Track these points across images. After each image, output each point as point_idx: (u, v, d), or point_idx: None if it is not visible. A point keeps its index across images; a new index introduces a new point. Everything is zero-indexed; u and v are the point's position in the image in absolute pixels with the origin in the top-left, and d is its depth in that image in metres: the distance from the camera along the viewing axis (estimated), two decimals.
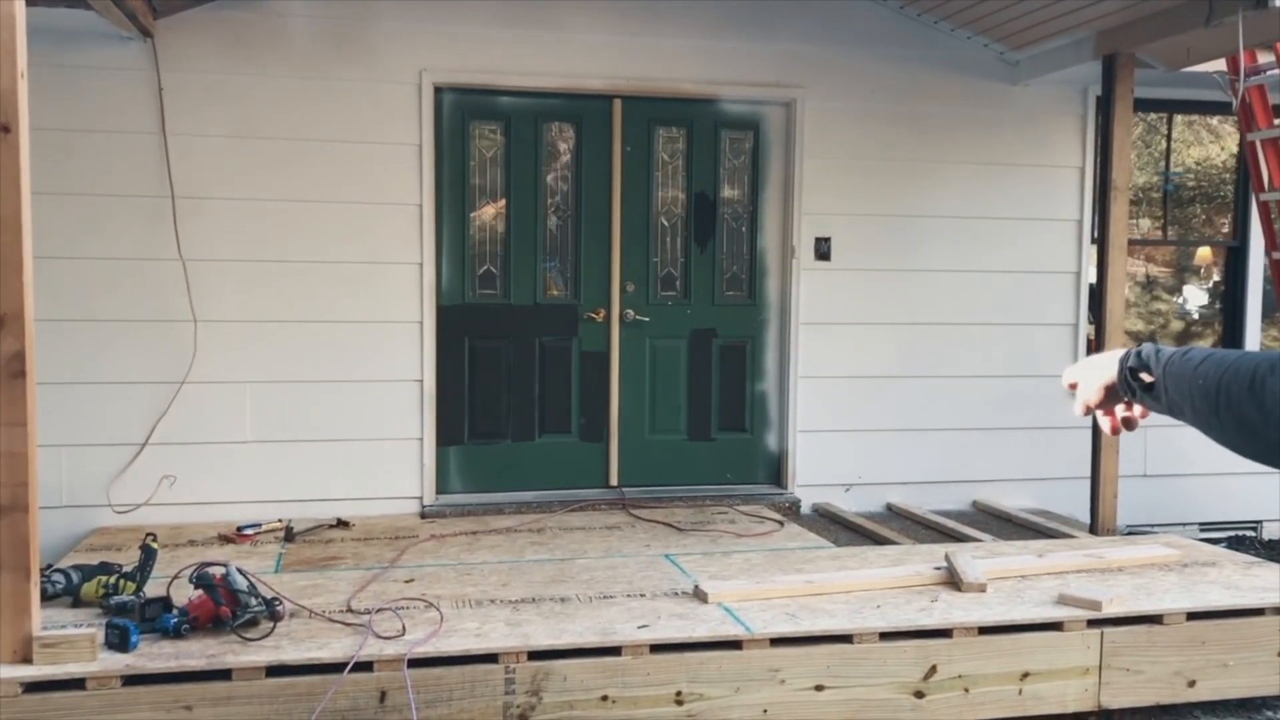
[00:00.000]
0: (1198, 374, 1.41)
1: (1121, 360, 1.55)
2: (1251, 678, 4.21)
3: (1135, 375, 1.53)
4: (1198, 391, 1.41)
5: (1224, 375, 1.37)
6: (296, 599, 4.03)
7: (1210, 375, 1.39)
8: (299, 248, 5.62)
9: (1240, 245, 6.99)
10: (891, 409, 6.36)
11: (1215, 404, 1.38)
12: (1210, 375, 1.39)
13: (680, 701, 3.70)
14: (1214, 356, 1.42)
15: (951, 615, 4.03)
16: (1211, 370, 1.39)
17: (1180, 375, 1.45)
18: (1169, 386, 1.46)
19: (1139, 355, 1.53)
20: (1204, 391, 1.39)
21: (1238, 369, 1.36)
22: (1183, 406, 1.45)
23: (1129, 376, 1.54)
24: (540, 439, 6.12)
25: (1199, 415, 1.42)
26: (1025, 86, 6.36)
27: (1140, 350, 1.54)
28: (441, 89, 5.83)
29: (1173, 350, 1.50)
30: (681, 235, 6.23)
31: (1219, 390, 1.37)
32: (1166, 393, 1.47)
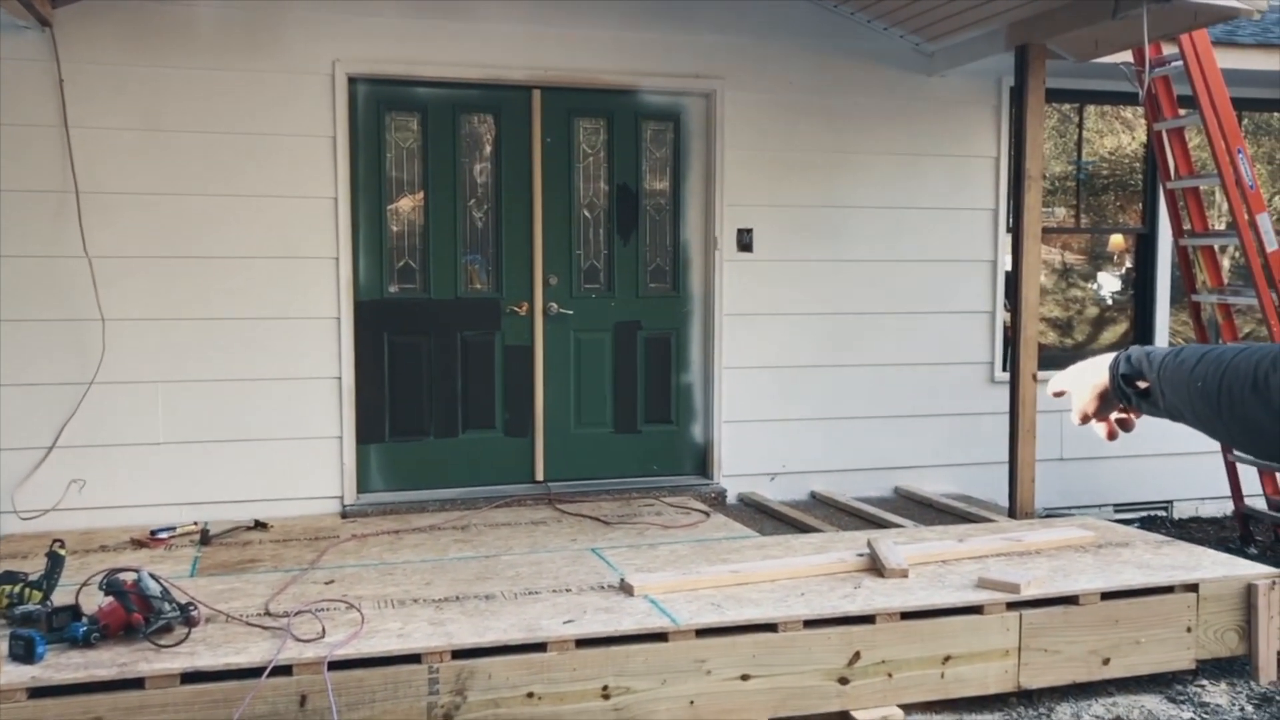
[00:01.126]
0: (1195, 376, 1.37)
1: (1112, 368, 1.51)
2: (1163, 653, 4.32)
3: (1130, 382, 1.49)
4: (1197, 395, 1.36)
5: (1224, 376, 1.32)
6: (213, 603, 3.93)
7: (1209, 377, 1.35)
8: (210, 243, 5.48)
9: (1150, 232, 7.16)
10: (815, 398, 6.41)
11: (1218, 407, 1.34)
12: (1209, 377, 1.35)
13: (607, 696, 3.69)
14: (1209, 356, 1.38)
15: (874, 601, 4.07)
16: (1210, 371, 1.35)
17: (1176, 379, 1.40)
18: (1166, 391, 1.42)
19: (1129, 360, 1.49)
20: (1204, 394, 1.35)
21: (1237, 368, 1.31)
22: (1183, 410, 1.41)
23: (1122, 384, 1.49)
24: (464, 435, 6.05)
25: (1200, 419, 1.38)
26: (941, 78, 6.44)
27: (1130, 355, 1.50)
28: (356, 79, 5.72)
29: (1164, 352, 1.45)
30: (604, 227, 6.20)
31: (1220, 392, 1.33)
32: (1164, 398, 1.43)
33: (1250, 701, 4.24)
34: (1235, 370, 1.31)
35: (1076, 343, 7.31)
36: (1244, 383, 1.29)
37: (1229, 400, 1.31)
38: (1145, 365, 1.46)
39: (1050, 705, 4.17)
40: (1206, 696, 4.28)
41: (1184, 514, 7.11)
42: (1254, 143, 7.44)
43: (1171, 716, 4.09)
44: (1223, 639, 4.40)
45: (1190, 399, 1.38)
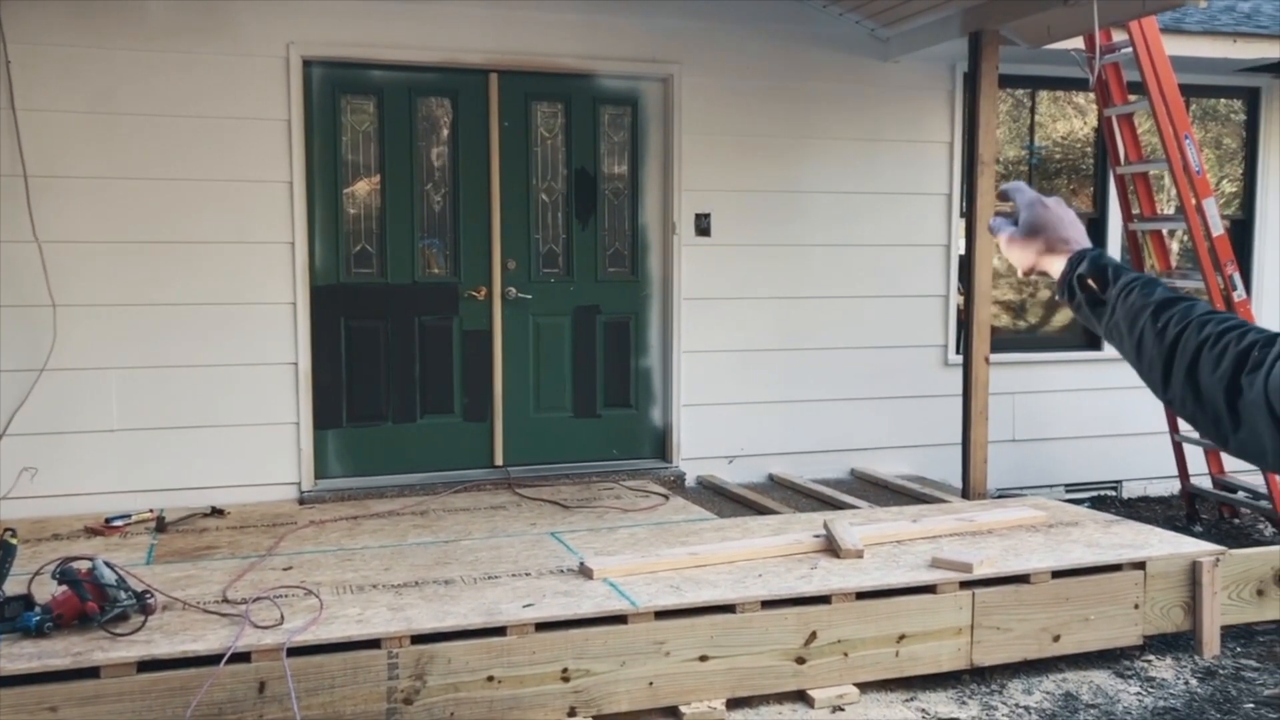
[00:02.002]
0: (1157, 312, 1.31)
1: (1071, 261, 1.41)
2: (1111, 630, 4.42)
3: (1083, 282, 1.39)
4: (1152, 333, 1.31)
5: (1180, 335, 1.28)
6: (169, 591, 3.91)
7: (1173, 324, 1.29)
8: (163, 227, 5.42)
9: (1100, 216, 7.27)
10: (772, 381, 6.46)
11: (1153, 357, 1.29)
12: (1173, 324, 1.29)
13: (566, 678, 3.71)
14: (1176, 306, 1.31)
15: (830, 582, 4.12)
16: (1173, 321, 1.29)
17: (1137, 308, 1.33)
18: (1118, 311, 1.35)
19: (1094, 263, 1.39)
20: (1159, 335, 1.29)
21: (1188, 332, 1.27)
22: (1124, 336, 1.35)
23: (1075, 283, 1.40)
24: (422, 420, 6.04)
25: (1142, 355, 1.32)
26: (896, 63, 6.49)
27: (1097, 257, 1.39)
28: (310, 62, 5.67)
29: (1133, 275, 1.37)
30: (563, 211, 6.20)
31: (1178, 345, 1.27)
32: (1113, 314, 1.36)
33: (1194, 675, 4.35)
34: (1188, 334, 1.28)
35: (1029, 325, 7.42)
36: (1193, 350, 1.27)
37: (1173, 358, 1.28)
38: (1110, 276, 1.38)
39: (1002, 682, 4.25)
40: (1153, 671, 4.38)
41: (1133, 493, 7.25)
42: (1201, 128, 7.57)
43: (1119, 691, 4.19)
44: (1169, 615, 4.51)
45: (1140, 334, 1.32)
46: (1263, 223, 7.46)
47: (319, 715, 3.46)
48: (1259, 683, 4.29)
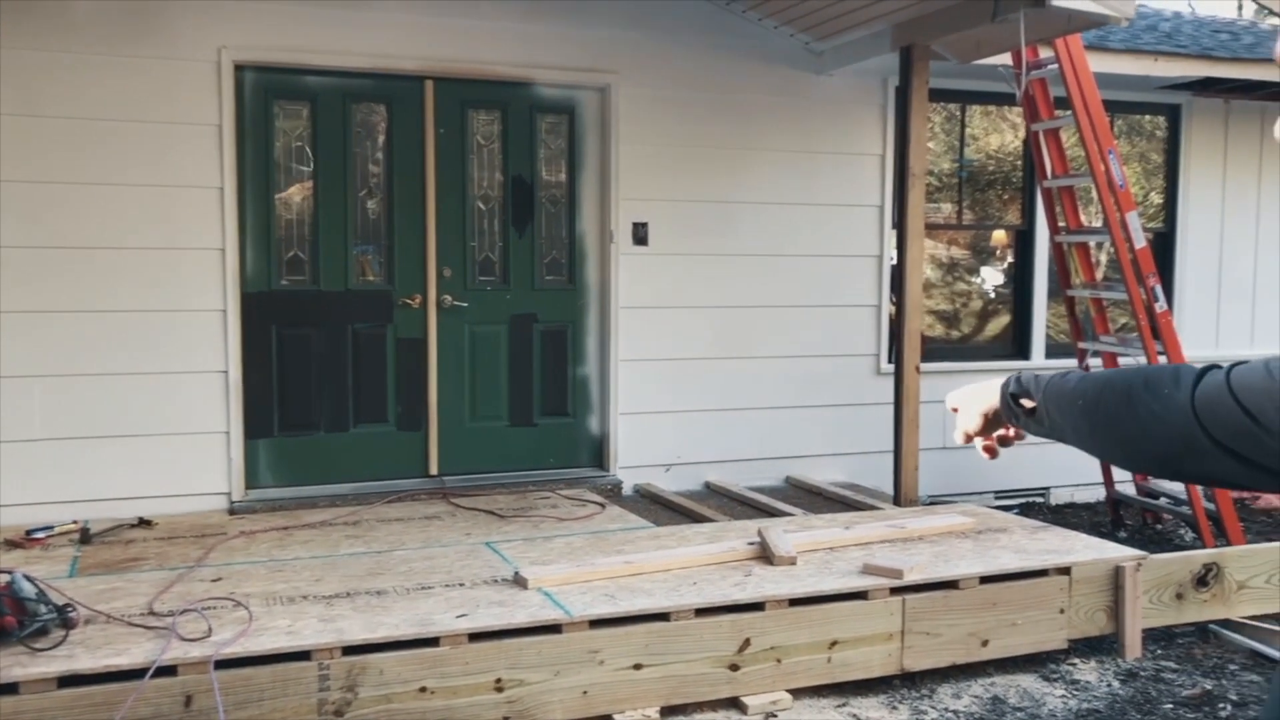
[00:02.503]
0: (1076, 394, 1.45)
1: (1003, 387, 1.59)
2: (1038, 634, 4.51)
3: (1017, 401, 1.57)
4: (1078, 411, 1.43)
5: (1102, 392, 1.40)
6: (93, 604, 3.83)
7: (1089, 394, 1.42)
8: (91, 233, 5.31)
9: (1029, 229, 7.43)
10: (709, 390, 6.50)
11: (1094, 424, 1.41)
12: (1089, 394, 1.42)
13: (500, 688, 3.70)
14: (1090, 376, 1.46)
15: (764, 589, 4.15)
16: (1090, 389, 1.43)
17: (1060, 397, 1.48)
18: (1051, 410, 1.50)
19: (1019, 381, 1.57)
20: (1085, 411, 1.42)
21: (1112, 385, 1.39)
22: (1064, 428, 1.48)
23: (1011, 402, 1.57)
24: (355, 429, 5.98)
25: (1080, 434, 1.45)
26: (830, 76, 6.58)
27: (1020, 377, 1.58)
28: (243, 67, 5.59)
29: (1051, 375, 1.54)
30: (499, 219, 6.19)
31: (1098, 408, 1.40)
32: (1049, 415, 1.50)
33: (1117, 678, 4.45)
34: (1112, 387, 1.39)
35: (962, 335, 7.55)
36: (1120, 398, 1.37)
37: (1104, 415, 1.39)
38: (1033, 385, 1.54)
39: (932, 686, 4.32)
40: (1078, 674, 4.48)
41: (1060, 500, 7.40)
42: (1127, 143, 7.77)
43: (1045, 694, 4.27)
44: (1093, 619, 4.61)
45: (1072, 416, 1.45)
46: (1183, 236, 7.68)
47: None
48: (1178, 684, 4.41)
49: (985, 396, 1.63)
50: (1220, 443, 1.23)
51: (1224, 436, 1.23)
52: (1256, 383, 1.20)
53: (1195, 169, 7.68)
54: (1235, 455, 1.23)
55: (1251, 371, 1.22)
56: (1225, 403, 1.22)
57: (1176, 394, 1.28)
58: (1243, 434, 1.21)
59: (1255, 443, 1.20)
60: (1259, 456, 1.20)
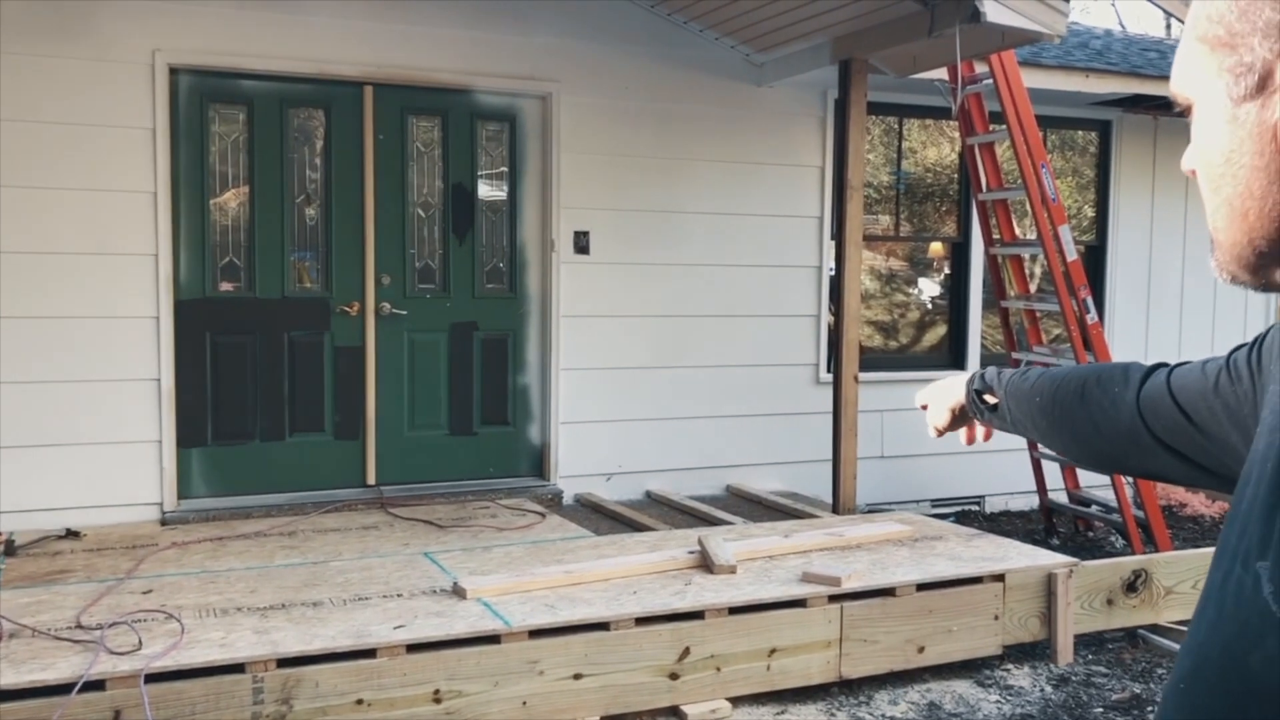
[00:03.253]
0: (1034, 390, 1.49)
1: (968, 384, 1.63)
2: (973, 640, 4.57)
3: (980, 397, 1.61)
4: (1036, 409, 1.48)
5: (1057, 390, 1.45)
6: (17, 618, 3.73)
7: (1046, 391, 1.47)
8: (17, 237, 5.18)
9: (964, 241, 7.55)
10: (650, 399, 6.51)
11: (1051, 419, 1.46)
12: (1046, 391, 1.47)
13: (439, 700, 3.67)
14: (1048, 373, 1.51)
15: (704, 597, 4.17)
16: (1046, 386, 1.47)
17: (1020, 394, 1.52)
18: (1012, 406, 1.54)
19: (983, 378, 1.61)
20: (1042, 408, 1.47)
21: (1068, 382, 1.44)
22: (1025, 424, 1.53)
23: (975, 399, 1.61)
24: (291, 438, 5.89)
25: (1039, 430, 1.50)
26: (770, 88, 6.63)
27: (984, 373, 1.62)
28: (177, 70, 5.50)
29: (1012, 372, 1.58)
30: (439, 227, 6.15)
31: (1054, 404, 1.45)
32: (1010, 412, 1.55)
33: (1049, 683, 4.53)
34: (1066, 384, 1.44)
35: (900, 345, 7.65)
36: (1074, 394, 1.41)
37: (1060, 411, 1.43)
38: (995, 382, 1.58)
39: (870, 693, 4.36)
40: (1011, 679, 4.55)
41: (995, 508, 7.52)
42: (1060, 158, 7.93)
43: (980, 700, 4.33)
44: (1026, 625, 4.69)
45: (1031, 413, 1.50)
46: (1114, 248, 7.85)
47: None
48: (1108, 688, 4.49)
49: (953, 392, 1.67)
50: (1160, 439, 1.27)
51: (1163, 433, 1.27)
52: (1192, 383, 1.24)
53: (1125, 183, 7.87)
54: (1174, 452, 1.26)
55: (1189, 371, 1.26)
56: (1165, 401, 1.26)
57: (1125, 392, 1.32)
58: (1179, 431, 1.25)
59: (1190, 440, 1.24)
60: (1195, 454, 1.24)
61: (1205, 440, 1.21)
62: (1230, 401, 1.17)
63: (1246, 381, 1.14)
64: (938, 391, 1.71)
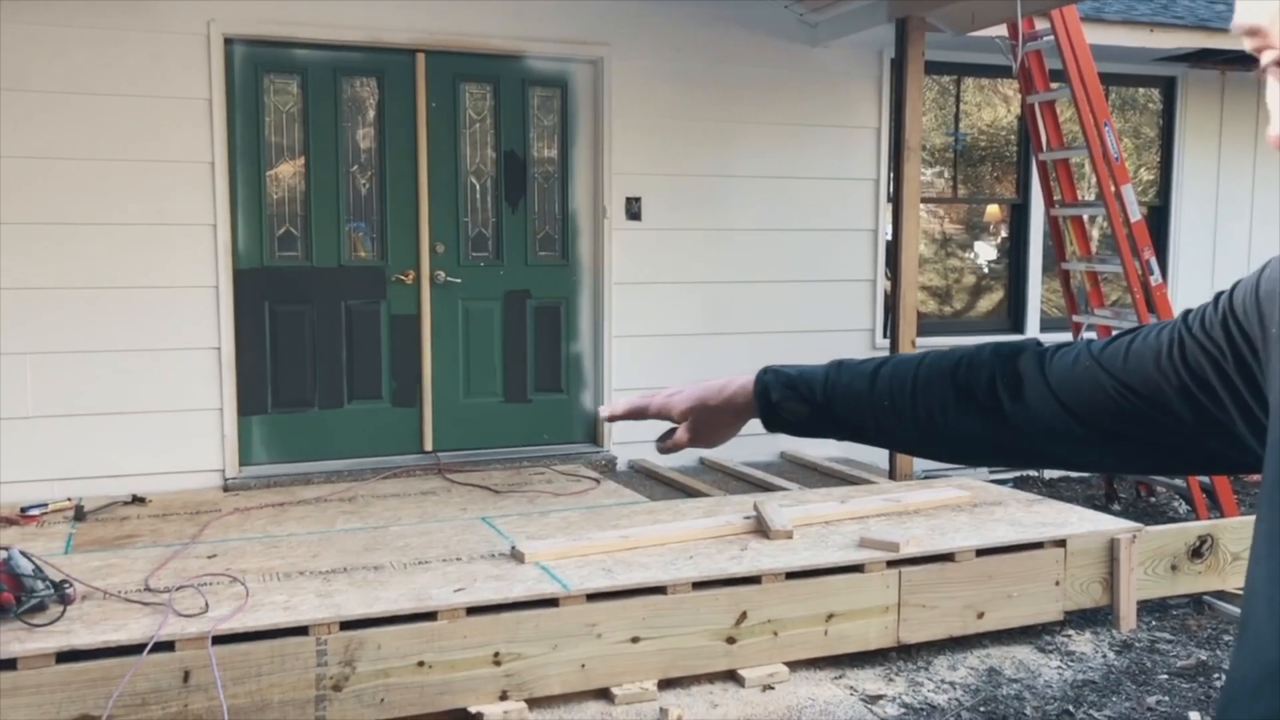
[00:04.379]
0: (878, 395, 1.29)
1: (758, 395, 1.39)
2: (1033, 606, 4.52)
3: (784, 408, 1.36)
4: (885, 413, 1.29)
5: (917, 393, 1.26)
6: (89, 580, 3.81)
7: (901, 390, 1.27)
8: (81, 209, 5.26)
9: (1023, 202, 7.42)
10: (703, 365, 6.46)
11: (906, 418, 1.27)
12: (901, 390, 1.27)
13: (498, 662, 3.70)
14: (883, 373, 1.30)
15: (760, 562, 4.16)
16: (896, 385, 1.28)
17: (852, 398, 1.32)
18: (838, 410, 1.33)
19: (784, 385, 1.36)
20: (896, 412, 1.28)
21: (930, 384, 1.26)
22: (863, 427, 1.33)
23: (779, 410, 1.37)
24: (350, 405, 5.96)
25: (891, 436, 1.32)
26: (825, 48, 6.53)
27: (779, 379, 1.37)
28: (232, 40, 5.54)
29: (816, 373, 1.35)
30: (492, 195, 6.15)
31: (914, 402, 1.26)
32: (832, 414, 1.34)
33: (1112, 649, 4.47)
34: (930, 387, 1.26)
35: (955, 310, 7.54)
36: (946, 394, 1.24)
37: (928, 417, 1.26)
38: (805, 389, 1.35)
39: (928, 659, 4.33)
40: (1072, 645, 4.49)
41: (1054, 474, 7.41)
42: (1121, 118, 7.75)
43: (1041, 665, 4.29)
44: (1088, 591, 4.63)
45: (876, 416, 1.30)
46: (1178, 209, 7.67)
47: (246, 704, 3.41)
48: (1172, 654, 4.43)
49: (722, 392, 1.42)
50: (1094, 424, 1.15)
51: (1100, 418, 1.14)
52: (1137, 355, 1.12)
53: (1190, 142, 7.67)
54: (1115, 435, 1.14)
55: (1118, 347, 1.13)
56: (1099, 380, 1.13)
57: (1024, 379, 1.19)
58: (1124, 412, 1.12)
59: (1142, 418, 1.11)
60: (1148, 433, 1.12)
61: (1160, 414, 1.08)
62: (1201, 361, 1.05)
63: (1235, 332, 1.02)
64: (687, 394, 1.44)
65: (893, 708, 3.89)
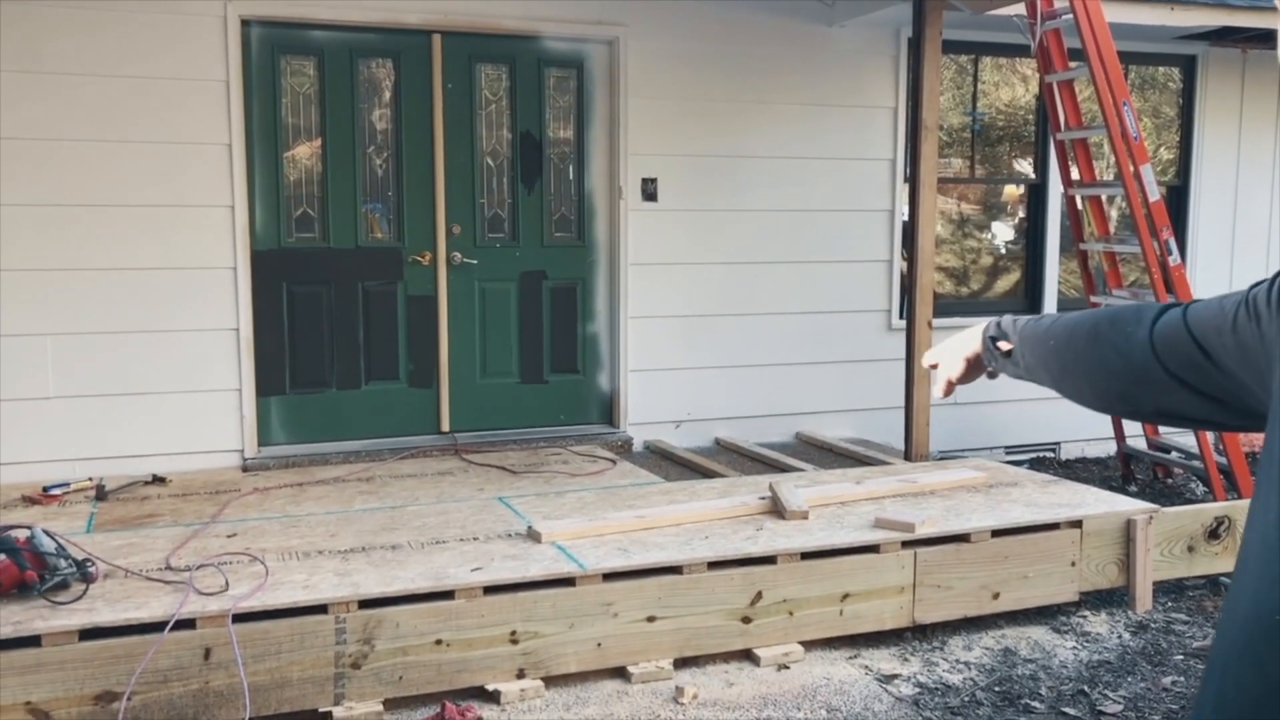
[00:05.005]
0: (1048, 334, 1.50)
1: (984, 331, 1.64)
2: (1048, 587, 4.52)
3: (995, 344, 1.61)
4: (1050, 352, 1.49)
5: (1073, 332, 1.45)
6: (111, 559, 3.86)
7: (1060, 335, 1.47)
8: (99, 191, 5.29)
9: (1041, 183, 7.37)
10: (719, 347, 6.49)
11: (1064, 362, 1.46)
12: (1060, 335, 1.47)
13: (515, 640, 3.73)
14: (1063, 319, 1.50)
15: (776, 543, 4.17)
16: (1060, 330, 1.48)
17: (1034, 339, 1.53)
18: (1026, 352, 1.55)
19: (999, 326, 1.62)
20: (1055, 350, 1.48)
21: (1081, 325, 1.44)
22: (1038, 370, 1.53)
23: (990, 345, 1.62)
24: (367, 386, 5.99)
25: (1051, 374, 1.51)
26: (841, 28, 6.50)
27: (999, 321, 1.62)
28: (249, 21, 5.55)
29: (1027, 318, 1.59)
30: (508, 176, 6.15)
31: (1068, 347, 1.45)
32: (1024, 358, 1.56)
33: (1128, 630, 4.47)
34: (1078, 326, 1.44)
35: (972, 291, 7.52)
36: (1086, 336, 1.42)
37: (1073, 355, 1.44)
38: (1011, 329, 1.59)
39: (943, 639, 4.34)
40: (1088, 626, 4.50)
41: (1071, 455, 7.40)
42: (1140, 97, 7.68)
43: (1056, 646, 4.30)
44: (1104, 572, 4.63)
45: (1044, 357, 1.51)
46: (1197, 189, 7.61)
47: (266, 681, 3.45)
48: (1189, 635, 4.43)
49: (969, 342, 1.68)
50: (1174, 374, 1.28)
51: (1177, 368, 1.27)
52: (1208, 316, 1.24)
53: (1210, 121, 7.60)
54: (1189, 386, 1.27)
55: (1206, 306, 1.26)
56: (1180, 336, 1.27)
57: (1138, 330, 1.33)
58: (1193, 366, 1.25)
59: (1204, 374, 1.24)
60: (1209, 388, 1.25)
61: (1219, 374, 1.22)
62: (1245, 339, 1.17)
63: (1266, 321, 1.14)
64: (954, 343, 1.71)
65: (907, 687, 3.91)
